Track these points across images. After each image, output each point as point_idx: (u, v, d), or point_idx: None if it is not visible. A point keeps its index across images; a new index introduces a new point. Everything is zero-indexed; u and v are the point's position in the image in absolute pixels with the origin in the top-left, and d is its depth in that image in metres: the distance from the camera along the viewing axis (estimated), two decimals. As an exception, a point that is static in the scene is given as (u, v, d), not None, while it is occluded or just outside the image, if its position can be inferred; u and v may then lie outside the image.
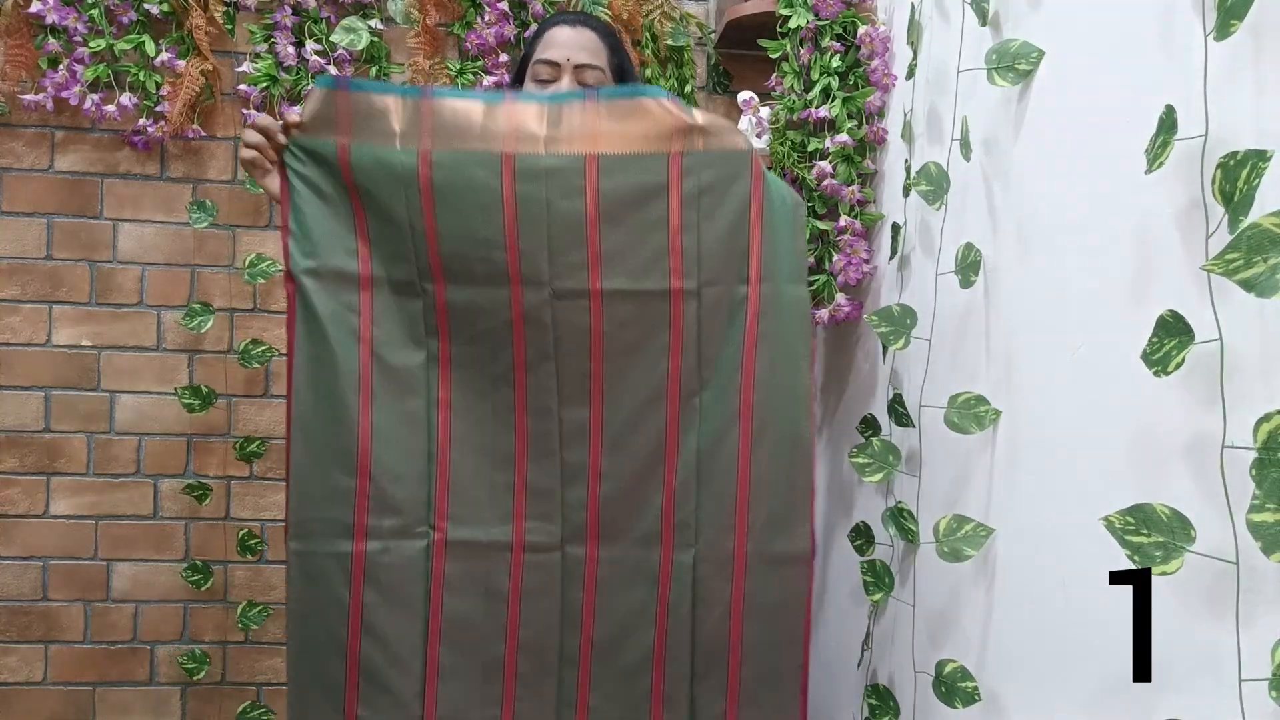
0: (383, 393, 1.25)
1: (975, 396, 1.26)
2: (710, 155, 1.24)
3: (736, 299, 1.27)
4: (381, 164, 1.23)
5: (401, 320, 1.26)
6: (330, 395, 1.24)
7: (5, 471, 1.89)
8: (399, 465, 1.26)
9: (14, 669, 1.90)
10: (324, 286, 1.24)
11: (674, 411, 1.28)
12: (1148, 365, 0.88)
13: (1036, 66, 1.19)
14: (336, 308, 1.25)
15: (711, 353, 1.27)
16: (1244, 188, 0.78)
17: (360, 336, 1.25)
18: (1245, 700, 0.79)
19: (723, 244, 1.25)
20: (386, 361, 1.26)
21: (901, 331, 1.42)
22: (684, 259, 1.25)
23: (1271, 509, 0.74)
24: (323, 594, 1.25)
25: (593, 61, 1.39)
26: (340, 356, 1.24)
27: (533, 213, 1.23)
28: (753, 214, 1.26)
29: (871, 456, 1.44)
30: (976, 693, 1.23)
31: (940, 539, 1.26)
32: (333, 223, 1.25)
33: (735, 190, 1.25)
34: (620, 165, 1.23)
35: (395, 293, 1.26)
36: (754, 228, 1.26)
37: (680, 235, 1.24)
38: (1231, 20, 0.81)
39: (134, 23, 1.83)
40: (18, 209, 1.87)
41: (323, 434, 1.25)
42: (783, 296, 1.28)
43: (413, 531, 1.27)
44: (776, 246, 1.28)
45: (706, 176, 1.24)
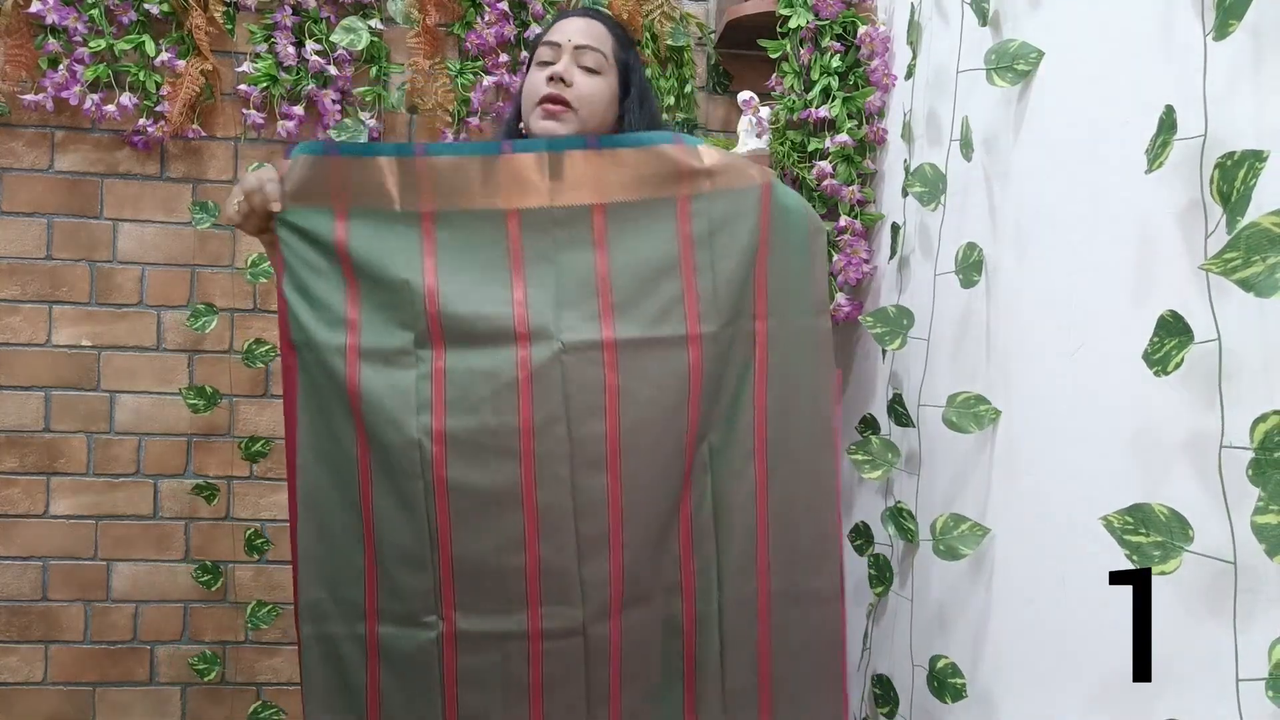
0: (380, 473, 1.18)
1: (974, 396, 1.26)
2: (720, 193, 1.21)
3: (744, 335, 1.23)
4: (383, 226, 1.19)
5: (393, 395, 1.17)
6: (334, 473, 1.19)
7: (5, 471, 1.89)
8: (401, 550, 1.18)
9: (14, 669, 1.90)
10: (318, 360, 1.18)
11: (689, 460, 1.21)
12: (1148, 365, 0.88)
13: (1035, 67, 1.19)
14: (330, 383, 1.19)
15: (721, 392, 1.22)
16: (1241, 188, 0.78)
17: (353, 411, 1.18)
18: (1243, 700, 0.79)
19: (739, 284, 1.21)
20: (381, 440, 1.17)
21: (897, 332, 1.42)
22: (700, 302, 1.19)
23: (1275, 510, 0.74)
24: (341, 678, 1.21)
25: (593, 44, 1.35)
26: (339, 434, 1.19)
27: (540, 266, 1.19)
28: (760, 248, 1.22)
29: (870, 453, 1.45)
30: (964, 689, 1.25)
31: (937, 536, 1.26)
32: (325, 295, 1.19)
33: (748, 227, 1.21)
34: (628, 212, 1.20)
35: (386, 364, 1.18)
36: (760, 262, 1.22)
37: (695, 277, 1.19)
38: (1230, 20, 0.81)
39: (134, 23, 1.83)
40: (18, 209, 1.87)
41: (330, 511, 1.19)
42: (793, 329, 1.24)
43: (420, 620, 1.18)
44: (788, 278, 1.24)
45: (717, 215, 1.20)
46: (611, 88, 1.37)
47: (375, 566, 1.19)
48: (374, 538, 1.18)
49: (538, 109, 1.32)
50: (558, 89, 1.31)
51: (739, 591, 1.23)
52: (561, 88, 1.31)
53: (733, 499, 1.23)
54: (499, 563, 1.17)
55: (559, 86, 1.31)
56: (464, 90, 1.91)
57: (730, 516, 1.23)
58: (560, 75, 1.31)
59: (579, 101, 1.32)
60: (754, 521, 1.23)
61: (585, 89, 1.33)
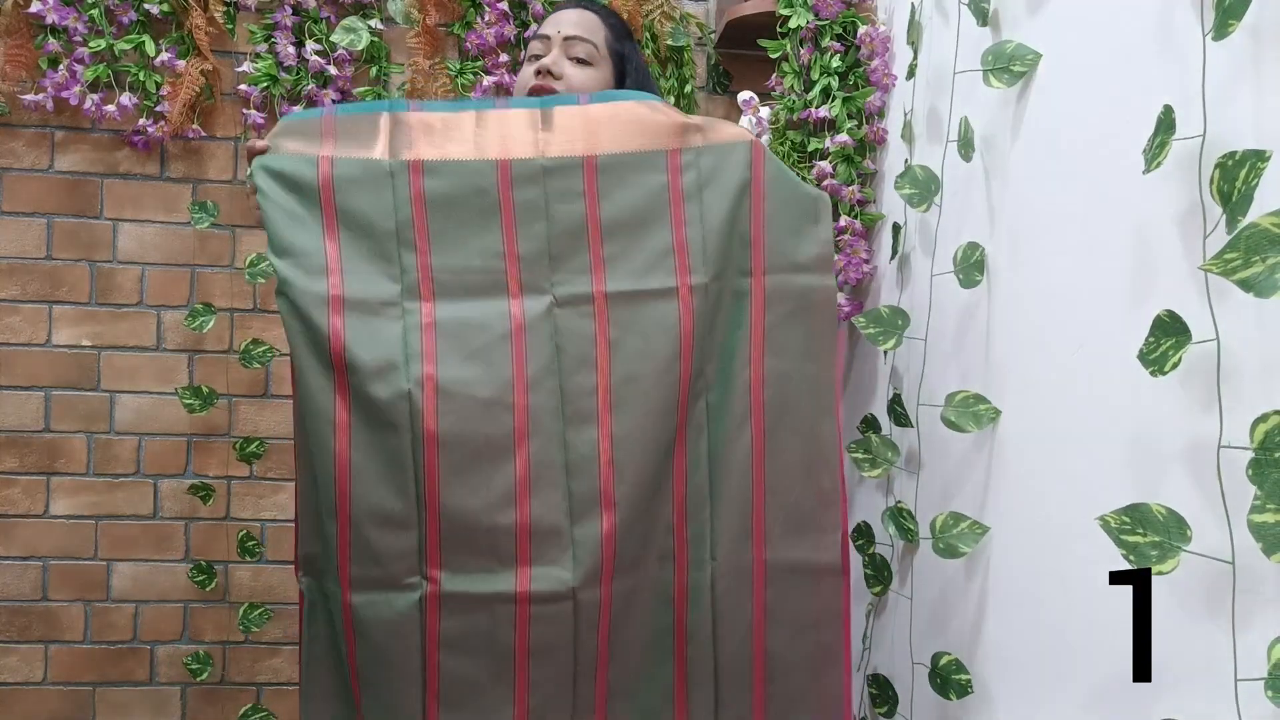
0: (361, 428, 1.13)
1: (973, 395, 1.26)
2: (709, 147, 1.20)
3: (740, 292, 1.20)
4: (369, 174, 1.17)
5: (379, 346, 1.13)
6: (310, 430, 1.14)
7: (5, 471, 1.89)
8: (383, 509, 1.13)
9: (14, 669, 1.90)
10: (297, 311, 1.14)
11: (684, 416, 1.18)
12: (1144, 365, 0.88)
13: (1032, 68, 1.19)
14: (309, 336, 1.14)
15: (718, 349, 1.19)
16: (1242, 188, 0.78)
17: (334, 365, 1.13)
18: (1241, 700, 0.79)
19: (726, 236, 1.19)
20: (364, 393, 1.12)
21: (892, 332, 1.42)
22: (690, 254, 1.18)
23: (1272, 510, 0.74)
24: (327, 636, 1.19)
25: (583, 35, 1.34)
26: (314, 388, 1.14)
27: (532, 218, 1.17)
28: (754, 202, 1.19)
29: (870, 452, 1.45)
30: (969, 685, 1.24)
31: (936, 535, 1.26)
32: (305, 244, 1.16)
33: (736, 179, 1.19)
34: (618, 164, 1.18)
35: (372, 315, 1.14)
36: (755, 217, 1.19)
37: (684, 229, 1.18)
38: (1230, 20, 0.81)
39: (134, 23, 1.83)
40: (18, 209, 1.87)
41: (312, 469, 1.16)
42: (794, 287, 1.21)
43: (401, 583, 1.13)
44: (789, 236, 1.21)
45: (706, 168, 1.19)
46: (604, 78, 1.36)
47: (349, 533, 1.13)
48: (349, 502, 1.13)
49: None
50: (545, 81, 1.31)
51: (734, 561, 1.19)
52: (549, 80, 1.31)
53: (729, 462, 1.19)
54: (489, 520, 1.12)
55: (547, 79, 1.31)
56: (464, 90, 1.91)
57: (727, 481, 1.19)
58: (548, 68, 1.31)
59: (568, 92, 1.30)
60: (751, 487, 1.19)
61: (575, 80, 1.32)
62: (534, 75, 1.32)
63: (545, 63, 1.31)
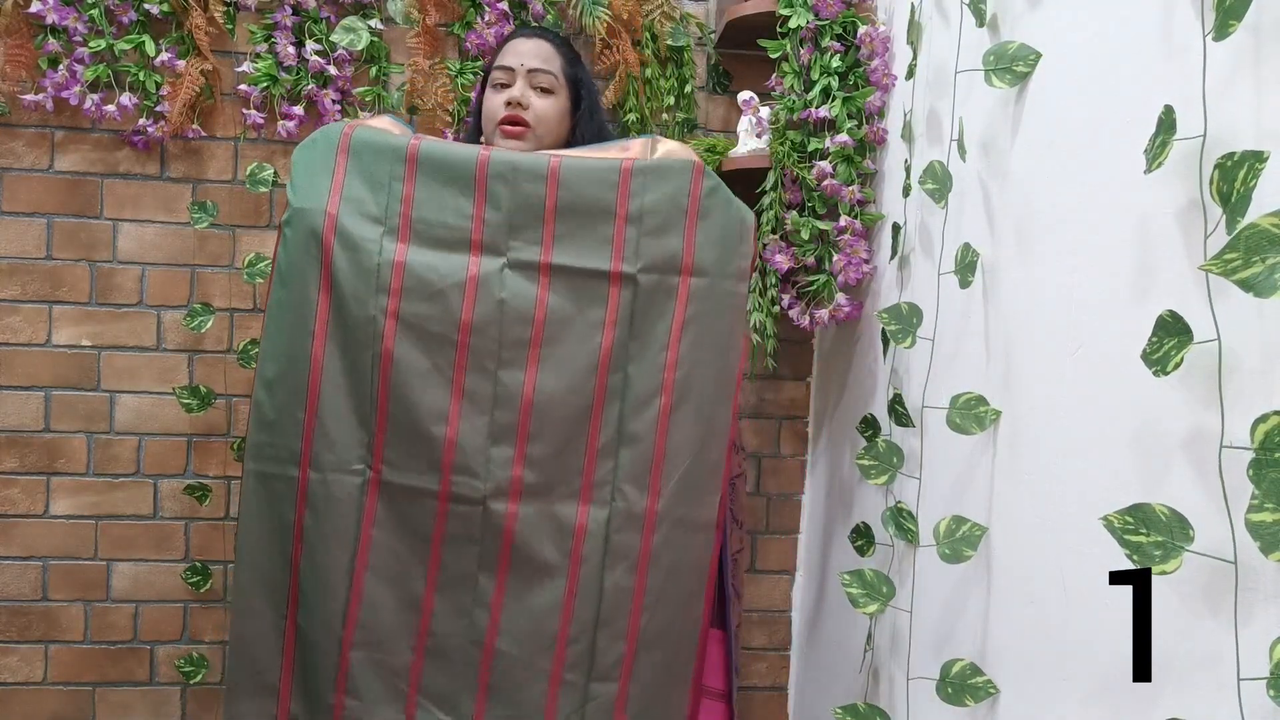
0: (336, 339, 1.37)
1: (975, 397, 1.26)
2: (657, 162, 1.41)
3: (669, 287, 1.39)
4: (378, 137, 1.42)
5: (357, 275, 1.36)
6: (292, 334, 1.38)
7: (5, 471, 1.89)
8: (343, 408, 1.37)
9: (14, 669, 1.90)
10: (299, 229, 1.37)
11: (602, 381, 1.38)
12: (1147, 365, 0.88)
13: (1033, 68, 1.19)
14: (309, 246, 1.37)
15: (642, 331, 1.39)
16: (1241, 188, 0.78)
17: (322, 284, 1.37)
18: (1244, 699, 0.80)
19: (659, 238, 1.39)
20: (343, 312, 1.36)
21: (908, 330, 1.42)
22: (625, 247, 1.38)
23: (1270, 508, 0.74)
24: (272, 510, 1.40)
25: (545, 67, 1.53)
26: (305, 299, 1.37)
27: (500, 192, 1.37)
28: (689, 216, 1.40)
29: (876, 458, 1.44)
30: (990, 685, 1.21)
31: (940, 540, 1.26)
32: (319, 166, 1.40)
33: (675, 191, 1.39)
34: (580, 165, 1.40)
35: (354, 250, 1.36)
36: (689, 229, 1.40)
37: (624, 225, 1.38)
38: (1230, 21, 0.81)
39: (134, 23, 1.83)
40: (18, 209, 1.87)
41: (283, 368, 1.38)
42: (716, 289, 1.41)
43: (350, 468, 1.37)
44: (716, 246, 1.41)
45: (651, 176, 1.39)
46: (563, 104, 1.55)
47: (315, 421, 1.37)
48: (318, 397, 1.37)
49: (498, 129, 1.51)
50: (516, 111, 1.50)
51: (630, 507, 1.38)
52: (519, 110, 1.50)
53: (637, 426, 1.39)
54: (426, 430, 1.36)
55: (516, 110, 1.50)
56: (464, 90, 1.91)
57: (634, 442, 1.39)
58: (517, 100, 1.50)
59: (536, 120, 1.51)
60: (652, 450, 1.39)
61: (540, 109, 1.52)
62: (504, 106, 1.50)
63: (514, 94, 1.50)
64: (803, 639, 2.08)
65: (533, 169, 1.38)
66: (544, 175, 1.38)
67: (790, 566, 2.11)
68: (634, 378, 1.39)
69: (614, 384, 1.39)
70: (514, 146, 1.49)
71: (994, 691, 1.22)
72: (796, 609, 2.11)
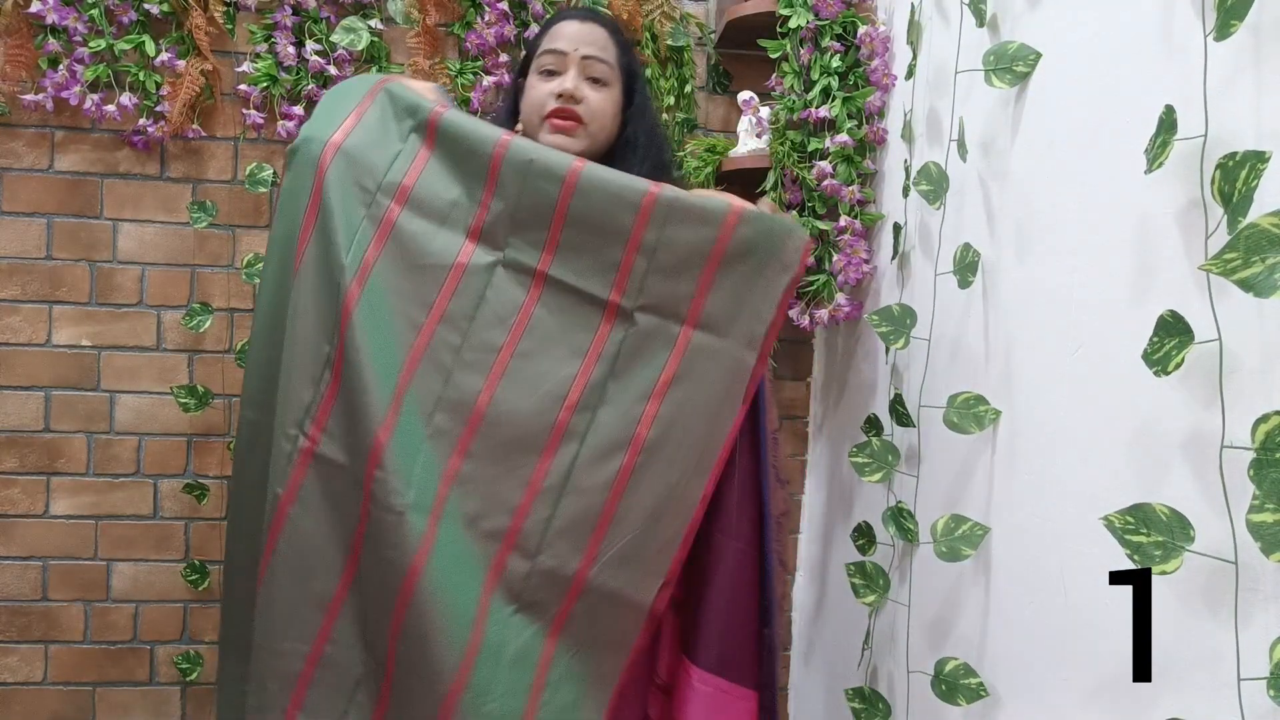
0: (310, 279, 1.26)
1: (975, 396, 1.26)
2: (687, 196, 1.22)
3: (668, 334, 1.21)
4: (407, 94, 1.31)
5: (345, 216, 1.25)
6: (280, 268, 1.30)
7: (5, 471, 1.89)
8: (302, 358, 1.25)
9: (14, 669, 1.90)
10: (302, 156, 1.29)
11: (566, 416, 1.21)
12: (1148, 365, 0.88)
13: (1033, 68, 1.19)
14: (303, 183, 1.29)
15: (625, 374, 1.21)
16: (1243, 188, 0.78)
17: (308, 214, 1.28)
18: (1244, 699, 0.80)
19: (670, 278, 1.21)
20: (325, 253, 1.25)
21: (901, 331, 1.42)
22: (629, 278, 1.21)
23: (1271, 509, 0.74)
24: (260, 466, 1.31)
25: (600, 55, 1.36)
26: (293, 233, 1.28)
27: (511, 180, 1.23)
28: (709, 261, 1.21)
29: (871, 456, 1.44)
30: (982, 688, 1.23)
31: (938, 539, 1.26)
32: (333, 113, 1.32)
33: (698, 232, 1.21)
34: (602, 175, 1.22)
35: (345, 188, 1.26)
36: (705, 275, 1.21)
37: (635, 254, 1.21)
38: (1231, 20, 0.81)
39: (134, 23, 1.83)
40: (18, 209, 1.87)
41: (269, 304, 1.32)
42: (722, 352, 1.22)
43: (286, 431, 1.25)
44: (732, 303, 1.22)
45: (678, 210, 1.20)
46: (616, 98, 1.38)
47: (282, 375, 1.27)
48: (285, 341, 1.27)
49: (546, 122, 1.34)
50: (568, 105, 1.33)
51: (557, 567, 1.19)
52: (571, 104, 1.33)
53: (589, 478, 1.20)
54: (365, 410, 1.20)
55: (569, 102, 1.33)
56: (464, 90, 1.91)
57: (580, 494, 1.20)
58: (570, 93, 1.33)
59: (590, 115, 1.34)
60: (600, 508, 1.20)
61: (595, 103, 1.35)
62: (554, 97, 1.33)
63: (567, 86, 1.33)
64: (803, 638, 2.08)
65: (550, 167, 1.22)
66: (561, 176, 1.21)
67: (790, 566, 2.11)
68: (601, 423, 1.21)
69: (577, 423, 1.21)
70: (562, 144, 1.32)
71: (985, 694, 1.22)
72: (797, 608, 2.11)
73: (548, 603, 1.20)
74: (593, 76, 1.35)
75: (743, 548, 1.29)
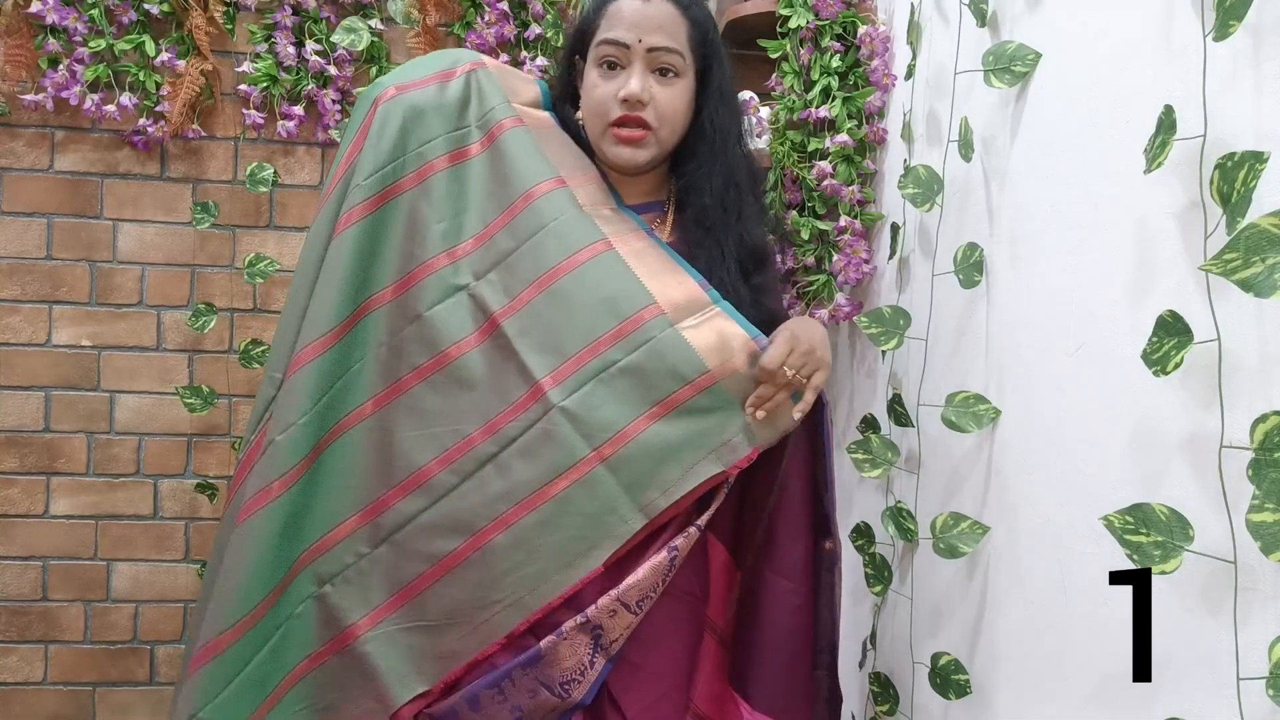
0: (336, 203, 1.26)
1: (973, 395, 1.26)
2: (676, 345, 1.14)
3: (570, 451, 1.14)
4: (495, 89, 1.27)
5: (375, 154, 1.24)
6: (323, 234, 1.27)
7: (5, 471, 1.89)
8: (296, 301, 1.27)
9: (14, 669, 1.90)
10: (368, 98, 1.29)
11: (434, 468, 1.17)
12: (1147, 365, 0.88)
13: (1033, 68, 1.19)
14: (355, 121, 1.29)
15: (507, 463, 1.15)
16: (1241, 189, 0.78)
17: (357, 137, 1.27)
18: (1243, 699, 0.80)
19: (608, 399, 1.14)
20: (357, 175, 1.25)
21: (893, 332, 1.42)
22: (574, 375, 1.15)
23: (1271, 509, 0.74)
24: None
25: (669, 44, 1.19)
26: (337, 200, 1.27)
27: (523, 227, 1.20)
28: (655, 408, 1.14)
29: (870, 452, 1.45)
30: (968, 685, 1.25)
31: (937, 535, 1.26)
32: (413, 70, 1.30)
33: (663, 377, 1.14)
34: (611, 275, 1.18)
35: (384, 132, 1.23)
36: (643, 419, 1.14)
37: (591, 357, 1.15)
38: (1230, 21, 0.81)
39: (134, 23, 1.83)
40: (18, 209, 1.87)
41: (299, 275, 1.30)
42: (608, 500, 1.13)
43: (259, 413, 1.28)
44: (651, 462, 1.14)
45: (657, 347, 1.14)
46: (690, 87, 1.24)
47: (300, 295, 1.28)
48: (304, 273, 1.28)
49: (609, 131, 1.22)
50: (634, 110, 1.20)
51: (335, 610, 1.18)
52: (639, 108, 1.20)
53: (415, 542, 1.16)
54: (294, 327, 1.25)
55: (635, 108, 1.20)
56: (464, 90, 1.91)
57: (400, 555, 1.17)
58: (636, 97, 1.19)
59: (659, 120, 1.22)
60: (406, 583, 1.16)
61: (664, 103, 1.21)
62: (618, 102, 1.21)
63: (633, 89, 1.19)
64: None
65: (566, 237, 1.17)
66: (571, 251, 1.16)
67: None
68: (461, 495, 1.14)
69: (440, 481, 1.15)
70: (629, 156, 1.22)
71: (969, 692, 1.25)
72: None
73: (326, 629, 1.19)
74: (660, 67, 1.20)
75: (793, 587, 1.23)
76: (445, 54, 1.32)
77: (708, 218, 1.26)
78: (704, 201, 1.26)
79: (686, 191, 1.29)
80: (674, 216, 1.31)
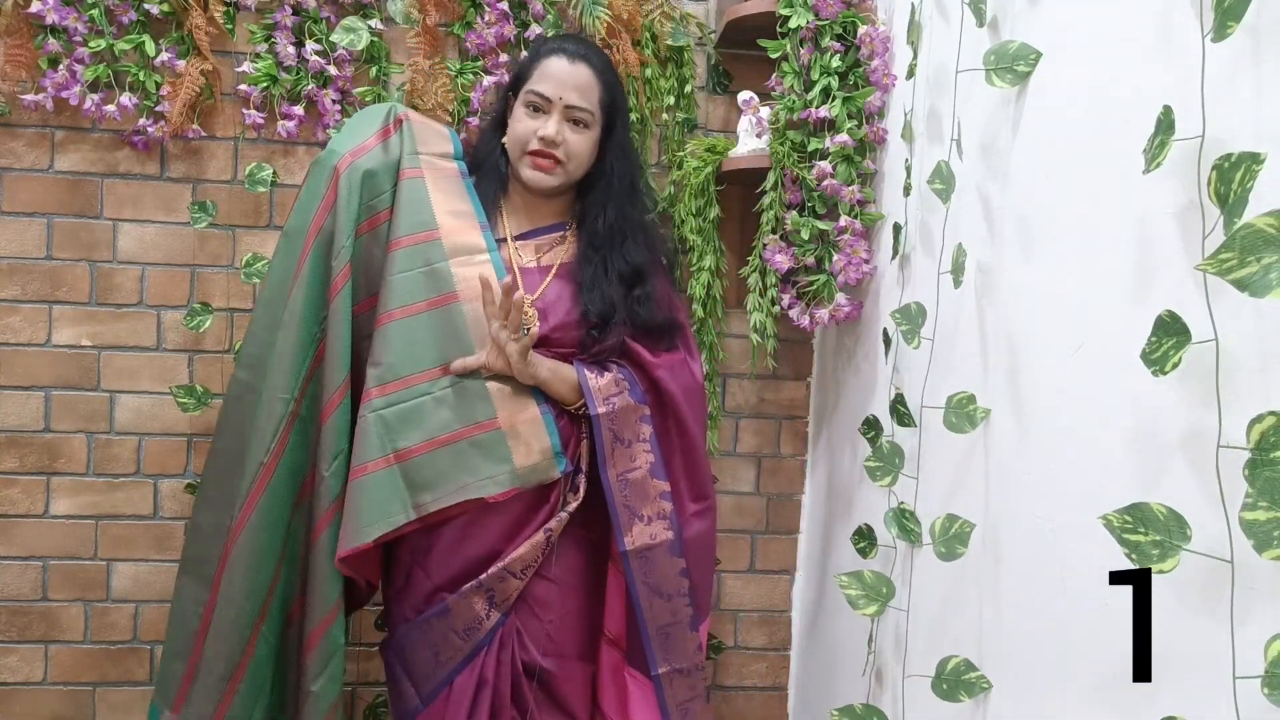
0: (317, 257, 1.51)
1: (966, 395, 1.27)
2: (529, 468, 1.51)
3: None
4: (420, 138, 1.60)
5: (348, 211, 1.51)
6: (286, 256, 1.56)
7: (5, 471, 1.89)
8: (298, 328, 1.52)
9: (14, 669, 1.90)
10: (323, 164, 1.56)
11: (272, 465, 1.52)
12: (1146, 365, 0.88)
13: (1034, 68, 1.19)
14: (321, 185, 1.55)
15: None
16: (1238, 189, 0.79)
17: (321, 209, 1.54)
18: (1239, 698, 0.80)
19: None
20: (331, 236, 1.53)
21: (915, 330, 1.42)
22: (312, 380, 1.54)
23: (1264, 507, 0.75)
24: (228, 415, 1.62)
25: (583, 104, 1.52)
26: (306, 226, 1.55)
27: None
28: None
29: (881, 460, 1.44)
30: (982, 680, 1.22)
31: (936, 538, 1.26)
32: (355, 134, 1.58)
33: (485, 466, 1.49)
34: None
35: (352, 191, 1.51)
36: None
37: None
38: (1229, 22, 0.81)
39: (134, 23, 1.83)
40: (18, 209, 1.87)
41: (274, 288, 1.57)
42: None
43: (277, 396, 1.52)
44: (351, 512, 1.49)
45: (476, 445, 1.49)
46: (595, 135, 1.56)
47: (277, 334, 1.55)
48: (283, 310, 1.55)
49: (527, 157, 1.53)
50: (549, 148, 1.51)
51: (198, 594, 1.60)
52: (552, 148, 1.51)
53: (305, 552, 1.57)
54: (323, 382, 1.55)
55: (550, 146, 1.51)
56: (464, 90, 1.91)
57: (294, 564, 1.59)
58: (551, 138, 1.50)
59: (568, 157, 1.53)
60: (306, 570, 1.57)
61: (574, 145, 1.53)
62: (537, 139, 1.51)
63: (549, 133, 1.50)
64: (803, 639, 2.08)
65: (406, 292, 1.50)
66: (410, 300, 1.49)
67: (790, 566, 2.11)
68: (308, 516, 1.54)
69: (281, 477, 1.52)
70: (540, 179, 1.53)
71: (987, 686, 1.22)
72: (796, 609, 2.11)
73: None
74: (574, 119, 1.52)
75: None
76: (377, 111, 1.60)
77: (598, 239, 1.57)
78: (596, 227, 1.58)
79: (584, 218, 1.61)
80: (575, 237, 1.62)
